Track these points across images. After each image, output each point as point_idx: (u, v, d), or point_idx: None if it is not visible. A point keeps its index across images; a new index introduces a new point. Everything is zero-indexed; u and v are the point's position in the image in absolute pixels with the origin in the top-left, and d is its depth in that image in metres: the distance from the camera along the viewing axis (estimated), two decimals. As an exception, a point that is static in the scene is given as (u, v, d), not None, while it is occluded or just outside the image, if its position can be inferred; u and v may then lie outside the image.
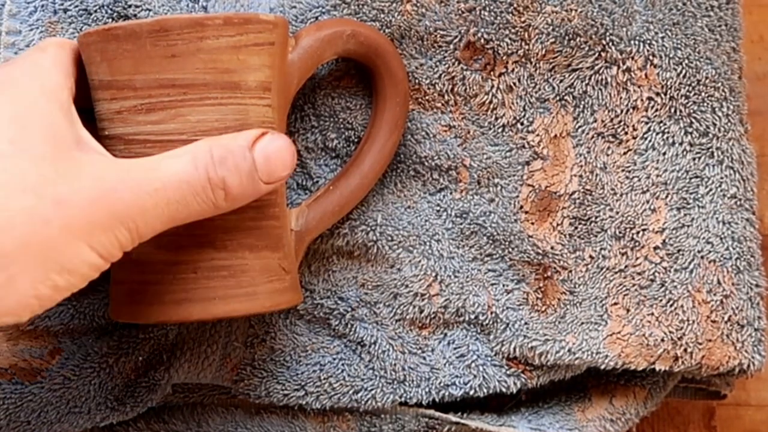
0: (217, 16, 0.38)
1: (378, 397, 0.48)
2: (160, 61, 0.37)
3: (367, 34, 0.43)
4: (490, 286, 0.47)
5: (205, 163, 0.36)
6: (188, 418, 0.48)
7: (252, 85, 0.39)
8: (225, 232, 0.39)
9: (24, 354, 0.45)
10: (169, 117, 0.38)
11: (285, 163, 0.38)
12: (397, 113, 0.44)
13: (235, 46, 0.38)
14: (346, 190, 0.44)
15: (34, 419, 0.45)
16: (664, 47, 0.47)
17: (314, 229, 0.44)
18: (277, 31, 0.39)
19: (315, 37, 0.42)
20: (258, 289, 0.40)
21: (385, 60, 0.43)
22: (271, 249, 0.40)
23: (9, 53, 0.45)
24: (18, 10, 0.45)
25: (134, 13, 0.44)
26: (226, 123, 0.38)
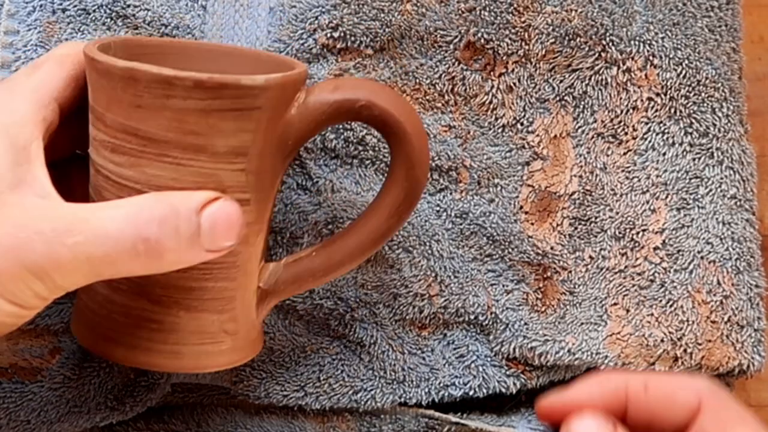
0: (188, 78, 0.34)
1: (377, 397, 0.47)
2: (126, 107, 0.35)
3: (383, 109, 0.38)
4: (490, 287, 0.47)
5: (142, 221, 0.33)
6: (188, 418, 0.48)
7: (221, 150, 0.36)
8: (162, 287, 0.37)
9: (24, 353, 0.45)
10: (128, 163, 0.36)
11: (231, 233, 0.35)
12: (401, 199, 0.39)
13: (205, 110, 0.35)
14: (327, 263, 0.41)
15: (34, 418, 0.45)
16: (664, 48, 0.47)
17: (283, 292, 0.41)
18: (266, 95, 0.36)
19: (323, 101, 0.38)
20: (184, 350, 0.38)
21: (400, 140, 0.38)
22: (211, 311, 0.38)
23: (7, 53, 0.44)
24: (16, 10, 0.44)
25: (133, 12, 0.44)
26: (182, 183, 0.36)
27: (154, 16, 0.44)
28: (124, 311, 0.38)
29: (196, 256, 0.35)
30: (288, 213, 0.46)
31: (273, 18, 0.45)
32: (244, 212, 0.37)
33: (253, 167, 0.37)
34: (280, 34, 0.45)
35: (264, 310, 0.41)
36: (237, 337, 0.39)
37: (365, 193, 0.46)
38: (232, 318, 0.39)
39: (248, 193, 0.37)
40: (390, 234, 0.40)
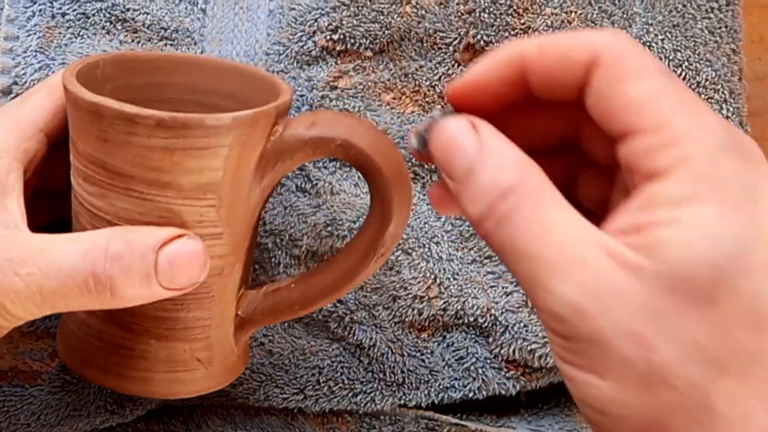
0: (150, 116, 0.34)
1: (377, 399, 0.48)
2: (94, 140, 0.35)
3: (359, 149, 0.36)
4: (490, 289, 0.47)
5: (95, 257, 0.33)
6: (188, 419, 0.48)
7: (187, 187, 0.35)
8: (133, 315, 0.37)
9: (24, 357, 0.45)
10: (98, 194, 0.36)
11: (191, 273, 0.35)
12: (379, 239, 0.38)
13: (169, 147, 0.34)
14: (303, 297, 0.40)
15: (33, 422, 0.45)
16: (663, 49, 0.47)
17: (259, 321, 0.40)
18: (234, 132, 0.35)
19: (299, 137, 0.37)
20: (156, 377, 0.38)
21: (376, 182, 0.37)
22: (183, 340, 0.38)
23: (7, 59, 0.44)
24: (16, 15, 0.44)
25: (132, 16, 0.44)
26: (149, 218, 0.35)
27: (154, 20, 0.44)
28: (97, 335, 0.38)
29: (153, 294, 0.34)
30: (287, 215, 0.46)
31: (272, 20, 0.45)
32: (217, 246, 0.37)
33: (224, 202, 0.36)
34: (279, 36, 0.45)
35: (242, 337, 0.40)
36: (211, 364, 0.39)
37: (364, 195, 0.46)
38: (206, 347, 0.39)
39: (220, 227, 0.37)
40: (367, 272, 0.39)
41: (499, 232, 0.29)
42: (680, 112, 0.28)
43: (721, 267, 0.26)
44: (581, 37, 0.30)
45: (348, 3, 0.45)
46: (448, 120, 0.31)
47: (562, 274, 0.28)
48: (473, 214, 0.30)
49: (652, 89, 0.28)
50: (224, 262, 0.38)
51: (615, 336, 0.27)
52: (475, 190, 0.30)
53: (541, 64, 0.31)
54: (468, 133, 0.31)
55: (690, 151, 0.27)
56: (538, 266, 0.28)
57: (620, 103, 0.29)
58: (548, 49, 0.31)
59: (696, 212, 0.27)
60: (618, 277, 0.27)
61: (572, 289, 0.28)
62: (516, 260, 0.29)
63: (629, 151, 0.28)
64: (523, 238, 0.28)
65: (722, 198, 0.27)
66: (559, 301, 0.28)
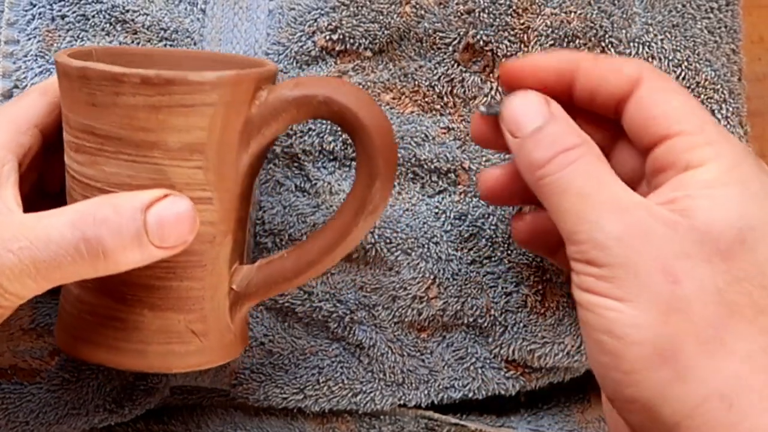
0: (135, 74, 0.35)
1: (377, 399, 0.48)
2: (83, 106, 0.36)
3: (342, 104, 0.37)
4: (489, 289, 0.47)
5: (83, 223, 0.34)
6: (187, 419, 0.48)
7: (174, 146, 0.36)
8: (126, 285, 0.37)
9: (24, 355, 0.45)
10: (88, 162, 0.37)
11: (182, 231, 0.36)
12: (367, 195, 0.38)
13: (154, 106, 0.35)
14: (298, 263, 0.40)
15: (32, 420, 0.45)
16: (663, 49, 0.47)
17: (254, 294, 0.40)
18: (218, 91, 0.36)
19: (283, 98, 0.37)
20: (149, 348, 0.38)
21: (360, 136, 0.38)
22: (176, 311, 0.38)
23: (8, 63, 0.45)
24: (16, 19, 0.45)
25: (132, 17, 0.44)
26: (139, 181, 0.36)
27: (153, 21, 0.44)
28: (90, 309, 0.38)
29: (147, 255, 0.35)
30: (287, 215, 0.46)
31: (272, 20, 0.45)
32: (207, 211, 0.37)
33: (211, 165, 0.37)
34: (279, 36, 0.45)
35: (239, 313, 0.40)
36: (207, 338, 0.39)
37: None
38: (200, 318, 0.39)
39: (209, 191, 0.37)
40: (359, 232, 0.39)
41: (558, 175, 0.34)
42: (712, 123, 0.35)
43: (743, 232, 0.32)
44: (632, 59, 0.38)
45: (347, 3, 0.45)
46: (522, 92, 0.37)
47: (609, 214, 0.33)
48: (538, 158, 0.35)
49: (690, 103, 0.35)
50: (215, 230, 0.38)
51: (648, 266, 0.32)
52: (544, 141, 0.35)
53: (595, 67, 0.37)
54: (541, 101, 0.37)
55: (723, 151, 0.34)
56: (589, 204, 0.34)
57: (665, 109, 0.35)
58: (603, 60, 0.37)
59: (725, 192, 0.33)
60: (656, 226, 0.33)
61: (616, 226, 0.33)
62: (567, 199, 0.34)
63: (668, 149, 0.35)
64: (580, 182, 0.34)
65: (746, 189, 0.33)
66: (605, 232, 0.33)
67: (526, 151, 0.36)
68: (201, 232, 0.37)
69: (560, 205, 0.34)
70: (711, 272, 0.32)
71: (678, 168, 0.34)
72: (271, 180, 0.45)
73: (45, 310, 0.44)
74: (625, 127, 0.37)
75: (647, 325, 0.32)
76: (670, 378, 0.32)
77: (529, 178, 0.36)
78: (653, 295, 0.32)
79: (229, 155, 0.38)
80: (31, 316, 0.44)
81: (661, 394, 0.32)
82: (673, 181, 0.34)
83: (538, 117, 0.36)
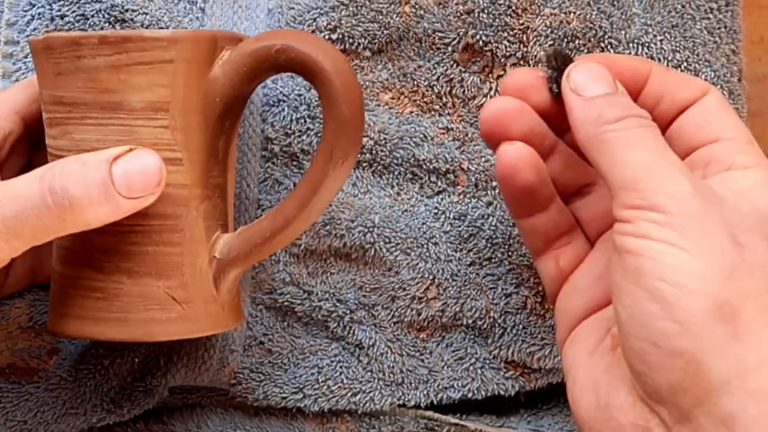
0: (93, 35, 0.36)
1: (376, 399, 0.48)
2: (51, 77, 0.38)
3: (299, 51, 0.37)
4: (489, 290, 0.47)
5: (49, 177, 0.35)
6: (187, 419, 0.48)
7: (137, 106, 0.37)
8: (103, 252, 0.38)
9: (22, 353, 0.45)
10: (60, 133, 0.38)
11: (148, 180, 0.36)
12: (334, 142, 0.38)
13: (114, 65, 0.37)
14: (275, 222, 0.39)
15: (30, 419, 0.45)
16: (662, 50, 0.47)
17: (236, 260, 0.40)
18: (176, 47, 0.37)
19: (243, 52, 0.38)
20: (131, 317, 0.38)
21: (321, 81, 0.37)
22: (154, 276, 0.38)
23: (8, 63, 0.45)
24: (16, 20, 0.45)
25: (131, 17, 0.44)
26: (107, 144, 0.37)
27: (153, 20, 0.44)
28: (72, 283, 0.39)
29: (115, 206, 0.36)
30: (286, 215, 0.46)
31: (271, 20, 0.45)
32: (178, 172, 0.38)
33: (178, 124, 0.38)
34: (278, 36, 0.45)
35: (224, 282, 0.40)
36: (190, 306, 0.39)
37: (362, 195, 0.46)
38: (180, 285, 0.39)
39: (178, 151, 0.38)
40: (332, 183, 0.39)
41: (631, 131, 0.35)
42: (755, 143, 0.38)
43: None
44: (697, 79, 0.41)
45: (347, 2, 0.45)
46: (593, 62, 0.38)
47: (680, 173, 0.34)
48: (610, 114, 0.36)
49: (742, 123, 0.39)
50: (189, 193, 0.38)
51: (717, 227, 0.33)
52: (617, 103, 0.36)
53: (667, 73, 0.39)
54: (611, 75, 0.38)
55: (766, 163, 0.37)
56: (661, 160, 0.34)
57: (726, 117, 0.38)
58: (674, 72, 0.40)
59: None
60: (724, 197, 0.35)
61: (689, 183, 0.34)
62: (637, 152, 0.35)
63: (719, 148, 0.37)
64: (652, 141, 0.35)
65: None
66: (679, 184, 0.33)
67: (596, 107, 0.36)
68: (174, 194, 0.38)
69: (627, 155, 0.35)
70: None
71: (722, 165, 0.37)
72: (270, 179, 0.45)
73: (43, 308, 0.44)
74: (672, 134, 0.39)
75: (711, 279, 0.32)
76: (728, 336, 0.32)
77: (592, 130, 0.36)
78: (720, 253, 0.33)
79: (195, 115, 0.38)
80: (29, 314, 0.44)
81: (717, 348, 0.32)
82: (721, 176, 0.36)
83: (607, 85, 0.37)
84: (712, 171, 0.37)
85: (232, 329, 0.42)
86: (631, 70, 0.39)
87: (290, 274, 0.46)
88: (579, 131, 0.37)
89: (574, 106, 0.37)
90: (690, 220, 0.33)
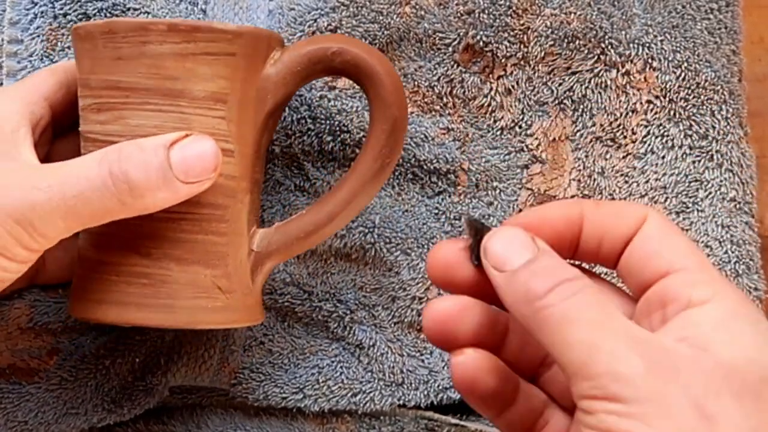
0: (162, 22, 0.37)
1: (376, 399, 0.48)
2: (108, 62, 0.38)
3: (355, 54, 0.39)
4: (489, 289, 0.47)
5: (110, 159, 0.36)
6: (187, 419, 0.48)
7: (199, 95, 0.38)
8: (151, 239, 0.38)
9: (23, 354, 0.45)
10: (113, 118, 0.38)
11: (205, 165, 0.37)
12: (383, 141, 0.40)
13: (181, 53, 0.37)
14: (317, 217, 0.41)
15: (31, 419, 0.45)
16: (663, 50, 0.47)
17: (276, 252, 0.41)
18: (239, 41, 0.38)
19: (297, 53, 0.39)
20: (177, 303, 0.38)
21: (374, 83, 0.39)
22: (203, 264, 0.39)
23: (12, 62, 0.45)
24: (18, 18, 0.45)
25: (133, 16, 0.44)
26: (164, 130, 0.37)
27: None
28: (114, 270, 0.39)
29: (173, 190, 0.36)
30: (286, 214, 0.46)
31: (272, 21, 0.45)
32: (229, 164, 0.38)
33: (233, 116, 0.38)
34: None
35: (260, 275, 0.41)
36: (232, 296, 0.40)
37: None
38: (225, 274, 0.39)
39: (231, 143, 0.38)
40: (378, 180, 0.40)
41: (564, 305, 0.31)
42: (711, 264, 0.34)
43: (764, 369, 0.31)
44: (633, 203, 0.37)
45: (347, 3, 0.45)
46: (506, 227, 0.35)
47: (627, 345, 0.30)
48: (537, 288, 0.32)
49: (691, 243, 0.34)
50: (236, 185, 0.39)
51: (680, 402, 0.30)
52: (541, 271, 0.32)
53: (599, 213, 0.35)
54: (527, 235, 0.34)
55: (725, 290, 0.32)
56: (604, 334, 0.31)
57: (669, 246, 0.34)
58: (606, 204, 0.36)
59: (740, 328, 0.31)
60: (680, 361, 0.30)
61: (640, 358, 0.30)
62: (577, 329, 0.31)
63: (671, 284, 0.33)
64: (589, 311, 0.31)
65: (757, 326, 0.32)
66: (629, 364, 0.30)
67: (520, 283, 0.33)
68: (223, 185, 0.38)
69: (567, 335, 0.31)
70: (744, 412, 0.30)
71: (680, 303, 0.32)
72: (271, 179, 0.45)
73: (43, 308, 0.44)
74: (622, 270, 0.35)
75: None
76: None
77: (524, 310, 0.32)
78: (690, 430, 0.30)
79: (248, 109, 0.39)
80: (30, 315, 0.44)
81: None
82: (680, 318, 0.32)
83: (526, 251, 0.33)
84: (671, 312, 0.33)
85: (258, 323, 0.42)
86: (564, 220, 0.35)
87: (290, 275, 0.46)
88: (512, 311, 0.33)
89: (498, 284, 0.33)
90: (650, 405, 0.30)
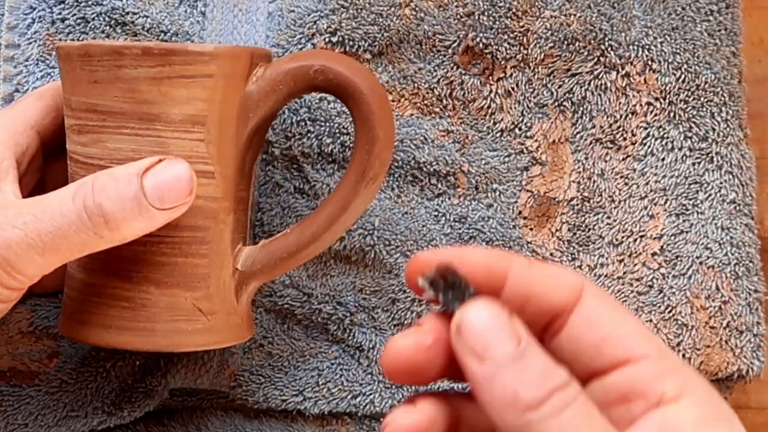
0: (136, 46, 0.37)
1: (376, 401, 0.47)
2: (86, 85, 0.37)
3: (337, 72, 0.38)
4: (489, 291, 0.47)
5: (83, 193, 0.35)
6: (187, 421, 0.48)
7: (176, 118, 0.37)
8: (131, 262, 0.38)
9: (23, 357, 0.45)
10: (92, 141, 0.38)
11: (181, 190, 0.36)
12: (365, 162, 0.38)
13: (156, 77, 0.37)
14: (301, 237, 0.40)
15: (31, 422, 0.45)
16: (663, 52, 0.47)
17: (259, 272, 0.40)
18: (217, 62, 0.37)
19: (279, 70, 0.38)
20: (157, 327, 0.38)
21: (357, 102, 0.38)
22: (183, 287, 0.38)
23: (9, 66, 0.45)
24: (17, 23, 0.45)
25: (132, 20, 0.44)
26: (141, 154, 0.37)
27: (153, 23, 0.44)
28: (96, 292, 0.39)
29: (149, 219, 0.36)
30: (285, 216, 0.46)
31: (271, 23, 0.45)
32: (210, 185, 0.38)
33: (213, 138, 0.38)
34: (278, 38, 0.45)
35: (245, 294, 0.41)
36: (214, 317, 0.39)
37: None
38: (206, 296, 0.39)
39: (211, 165, 0.38)
40: (361, 201, 0.39)
41: (558, 420, 0.28)
42: (663, 343, 0.31)
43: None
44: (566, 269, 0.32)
45: (347, 5, 0.45)
46: (481, 302, 0.29)
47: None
48: (528, 397, 0.28)
49: (640, 323, 0.31)
50: (218, 206, 0.39)
51: None
52: (530, 373, 0.28)
53: (529, 275, 0.31)
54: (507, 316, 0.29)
55: (691, 379, 0.30)
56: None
57: (621, 330, 0.30)
58: (539, 266, 0.31)
59: None
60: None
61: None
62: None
63: (634, 375, 0.30)
64: (586, 425, 0.28)
65: (732, 428, 0.30)
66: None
67: (507, 384, 0.28)
68: (204, 207, 0.38)
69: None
70: None
71: (649, 400, 0.30)
72: (270, 182, 0.45)
73: (43, 312, 0.44)
74: (563, 346, 0.31)
75: None
76: None
77: (509, 417, 0.28)
78: None
79: (229, 129, 0.38)
80: (30, 318, 0.44)
81: None
82: (654, 419, 0.29)
83: (509, 339, 0.28)
84: (638, 409, 0.30)
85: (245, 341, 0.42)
86: (485, 269, 0.31)
87: (290, 277, 0.46)
88: (488, 410, 0.29)
89: (474, 373, 0.29)
90: None
